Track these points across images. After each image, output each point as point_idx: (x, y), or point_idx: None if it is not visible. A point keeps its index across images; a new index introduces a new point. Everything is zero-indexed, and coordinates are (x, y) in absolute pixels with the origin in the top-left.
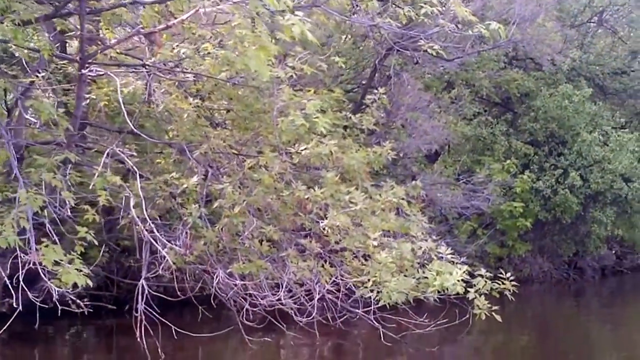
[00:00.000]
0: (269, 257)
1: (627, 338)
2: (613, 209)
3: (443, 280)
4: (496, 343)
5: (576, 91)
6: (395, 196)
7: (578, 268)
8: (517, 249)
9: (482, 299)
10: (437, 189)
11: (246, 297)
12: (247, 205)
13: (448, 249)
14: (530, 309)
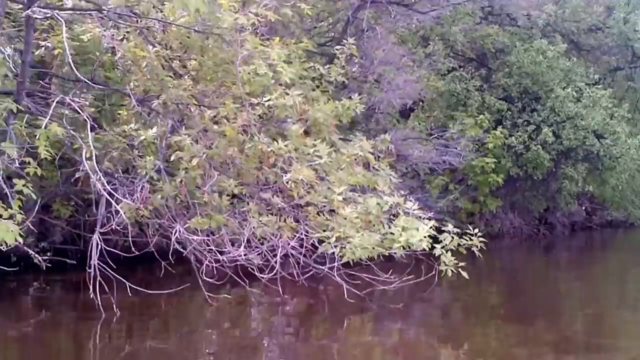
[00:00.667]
0: (230, 212)
1: (595, 293)
2: (584, 165)
3: (409, 237)
4: (465, 298)
5: (550, 47)
6: (361, 150)
7: (548, 223)
8: (488, 204)
9: (449, 255)
10: (409, 144)
11: (207, 253)
12: (208, 159)
13: (415, 204)
14: (501, 264)
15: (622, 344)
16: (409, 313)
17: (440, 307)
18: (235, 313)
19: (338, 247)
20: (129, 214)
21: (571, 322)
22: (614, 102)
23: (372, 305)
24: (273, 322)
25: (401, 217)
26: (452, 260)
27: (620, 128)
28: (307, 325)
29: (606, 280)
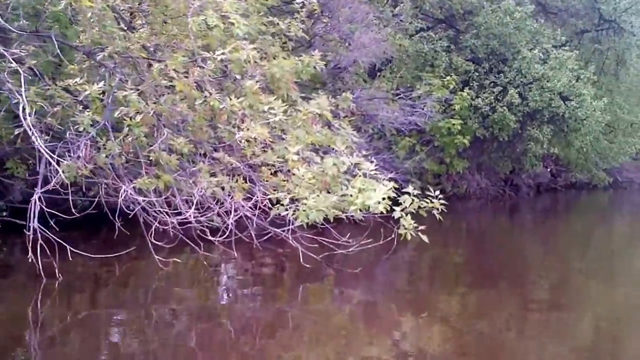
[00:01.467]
0: (179, 172)
1: (558, 255)
2: (550, 127)
3: (365, 198)
4: (429, 262)
5: (518, 8)
6: (319, 107)
7: (514, 185)
8: (454, 165)
9: (409, 218)
10: (376, 104)
11: (157, 215)
12: (157, 115)
13: (373, 164)
14: (466, 226)
15: (585, 305)
16: (370, 278)
17: (403, 271)
18: (187, 278)
19: (292, 209)
20: (69, 174)
21: (535, 285)
22: (580, 64)
23: (330, 269)
24: (226, 287)
25: (358, 178)
26: (412, 223)
27: (585, 90)
28: (262, 290)
29: (569, 241)
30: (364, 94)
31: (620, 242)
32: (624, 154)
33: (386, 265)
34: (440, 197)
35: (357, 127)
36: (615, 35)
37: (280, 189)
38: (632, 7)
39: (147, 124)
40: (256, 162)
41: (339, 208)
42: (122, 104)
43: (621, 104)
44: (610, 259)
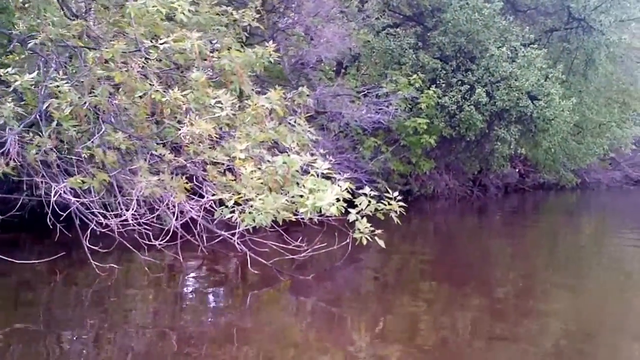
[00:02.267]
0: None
1: (526, 256)
2: (517, 127)
3: (317, 200)
4: (394, 264)
5: (487, 4)
6: (269, 102)
7: (482, 185)
8: (421, 166)
9: (364, 221)
10: (339, 101)
11: (94, 216)
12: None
13: (326, 163)
14: (434, 226)
15: (551, 307)
16: (324, 284)
17: (364, 275)
18: (126, 286)
19: (237, 211)
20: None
21: (502, 287)
22: (548, 63)
23: (282, 276)
24: (167, 296)
25: (309, 178)
26: (368, 226)
27: (554, 90)
28: (208, 300)
29: (537, 242)
30: (326, 92)
31: (588, 243)
32: (591, 155)
33: (345, 269)
34: (399, 198)
35: (322, 126)
36: (585, 34)
37: (227, 190)
38: (601, 6)
39: (81, 118)
40: (201, 160)
41: (291, 210)
42: (57, 96)
43: (590, 104)
44: (578, 261)
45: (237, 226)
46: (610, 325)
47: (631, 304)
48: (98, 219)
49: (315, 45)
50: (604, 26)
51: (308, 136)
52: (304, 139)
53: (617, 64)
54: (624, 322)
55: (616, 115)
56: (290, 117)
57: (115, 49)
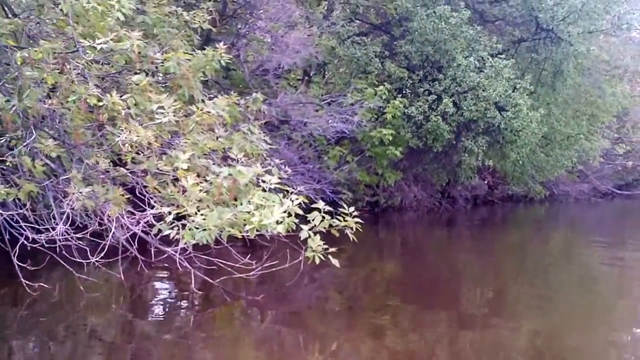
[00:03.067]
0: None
1: (494, 269)
2: (485, 138)
3: (263, 217)
4: (360, 278)
5: (454, 13)
6: (215, 108)
7: (450, 197)
8: (387, 177)
9: (317, 238)
10: (302, 110)
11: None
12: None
13: (275, 177)
14: (401, 238)
15: (519, 322)
16: (276, 305)
17: (328, 291)
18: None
19: (177, 227)
20: None
21: (469, 300)
22: (516, 74)
23: (227, 296)
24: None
25: (256, 192)
26: (321, 244)
27: (522, 100)
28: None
29: (505, 256)
30: (288, 99)
31: (556, 256)
32: (559, 167)
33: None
34: (356, 214)
35: (287, 135)
36: (553, 45)
37: (169, 203)
38: (569, 17)
39: (7, 123)
40: (141, 170)
41: (237, 225)
42: None
43: (558, 116)
44: (546, 274)
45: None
46: (577, 346)
47: (599, 325)
48: (27, 233)
49: (277, 51)
50: (572, 37)
51: (263, 145)
52: (257, 149)
53: (586, 77)
54: (590, 344)
55: (584, 127)
56: (244, 125)
57: (45, 48)
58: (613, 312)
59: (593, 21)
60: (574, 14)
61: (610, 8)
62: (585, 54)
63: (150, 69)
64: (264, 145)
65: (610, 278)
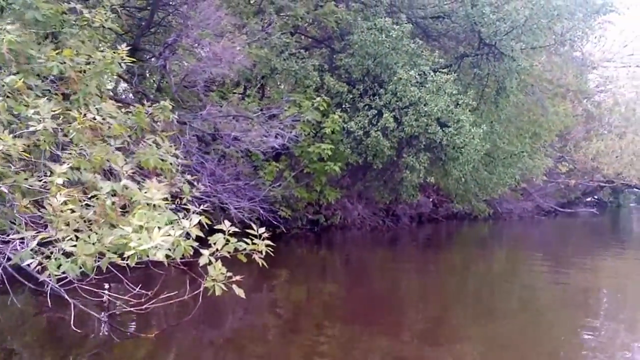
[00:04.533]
0: None
1: (436, 291)
2: (427, 155)
3: (143, 241)
4: (296, 297)
5: (395, 26)
6: (101, 113)
7: (394, 215)
8: (327, 194)
9: (219, 264)
10: (230, 123)
11: None
12: None
13: (159, 192)
14: (344, 257)
15: (462, 342)
16: (212, 329)
17: (262, 314)
18: None
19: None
20: None
21: (411, 320)
22: (459, 89)
23: (114, 334)
24: None
25: (137, 212)
26: (224, 271)
27: (464, 116)
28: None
29: (448, 275)
30: (217, 113)
31: (499, 277)
32: (503, 185)
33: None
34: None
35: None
36: (496, 60)
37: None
38: (512, 32)
39: None
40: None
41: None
42: None
43: (501, 133)
44: (489, 295)
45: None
46: None
47: (540, 347)
48: None
49: (205, 61)
50: (515, 52)
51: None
52: (164, 163)
53: (529, 95)
54: None
55: (527, 145)
56: (149, 137)
57: None
58: (555, 334)
59: (536, 37)
60: (517, 29)
61: (553, 24)
62: (529, 69)
63: (40, 71)
64: (172, 159)
65: (554, 299)
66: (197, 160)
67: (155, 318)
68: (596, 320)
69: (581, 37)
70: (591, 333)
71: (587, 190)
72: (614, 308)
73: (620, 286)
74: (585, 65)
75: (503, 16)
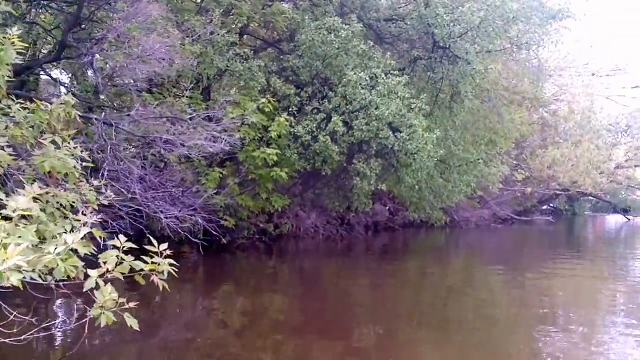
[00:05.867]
0: None
1: (390, 302)
2: (378, 161)
3: None
4: (242, 309)
5: (344, 26)
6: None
7: (349, 224)
8: (273, 202)
9: (108, 289)
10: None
11: None
12: None
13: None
14: (296, 267)
15: (413, 355)
16: None
17: (204, 328)
18: None
19: None
20: None
21: (361, 332)
22: (412, 93)
23: None
24: None
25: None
26: (114, 297)
27: (417, 121)
28: None
29: (402, 287)
30: (147, 113)
31: (454, 288)
32: (458, 192)
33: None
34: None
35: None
36: (450, 63)
37: None
38: (467, 34)
39: None
40: None
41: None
42: None
43: (456, 139)
44: (443, 303)
45: None
46: None
47: None
48: None
49: (134, 58)
50: (470, 55)
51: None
52: (66, 166)
53: (485, 101)
54: None
55: (483, 152)
56: (47, 136)
57: None
58: (513, 342)
59: (492, 40)
60: (472, 31)
61: (509, 27)
62: (484, 73)
63: None
64: (73, 162)
65: (510, 308)
66: (125, 165)
67: (41, 351)
68: (553, 327)
69: (538, 42)
70: (549, 340)
71: (543, 198)
72: (570, 315)
73: (576, 294)
74: (542, 72)
75: (458, 18)
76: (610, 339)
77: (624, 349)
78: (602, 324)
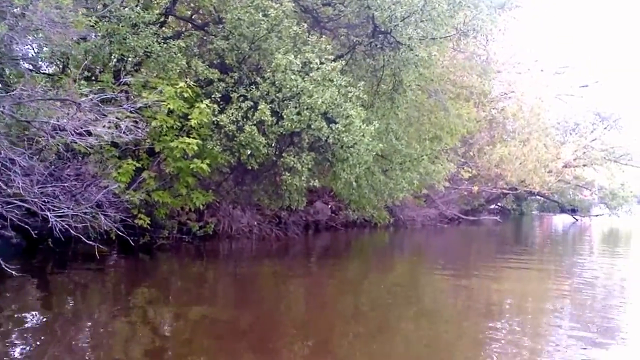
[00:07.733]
0: None
1: (324, 304)
2: (311, 155)
3: None
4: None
5: (274, 4)
6: None
7: (287, 223)
8: (194, 198)
9: None
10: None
11: None
12: None
13: None
14: (223, 271)
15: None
16: None
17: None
18: None
19: None
20: None
21: (290, 343)
22: (350, 81)
23: None
24: None
25: None
26: None
27: (354, 111)
28: None
29: (339, 292)
30: (33, 94)
31: (397, 287)
32: (400, 190)
33: None
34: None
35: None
36: (391, 50)
37: None
38: (410, 18)
39: None
40: None
41: None
42: None
43: (399, 133)
44: (386, 307)
45: None
46: None
47: None
48: None
49: (18, 32)
50: (413, 41)
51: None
52: None
53: (430, 95)
54: None
55: (428, 149)
56: None
57: None
58: (460, 345)
59: (436, 26)
60: (415, 14)
61: (455, 12)
62: (427, 60)
63: None
64: None
65: (456, 309)
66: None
67: None
68: (501, 327)
69: (485, 31)
70: (496, 341)
71: (490, 197)
72: (517, 315)
73: (523, 293)
74: (490, 65)
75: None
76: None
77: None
78: (547, 325)
